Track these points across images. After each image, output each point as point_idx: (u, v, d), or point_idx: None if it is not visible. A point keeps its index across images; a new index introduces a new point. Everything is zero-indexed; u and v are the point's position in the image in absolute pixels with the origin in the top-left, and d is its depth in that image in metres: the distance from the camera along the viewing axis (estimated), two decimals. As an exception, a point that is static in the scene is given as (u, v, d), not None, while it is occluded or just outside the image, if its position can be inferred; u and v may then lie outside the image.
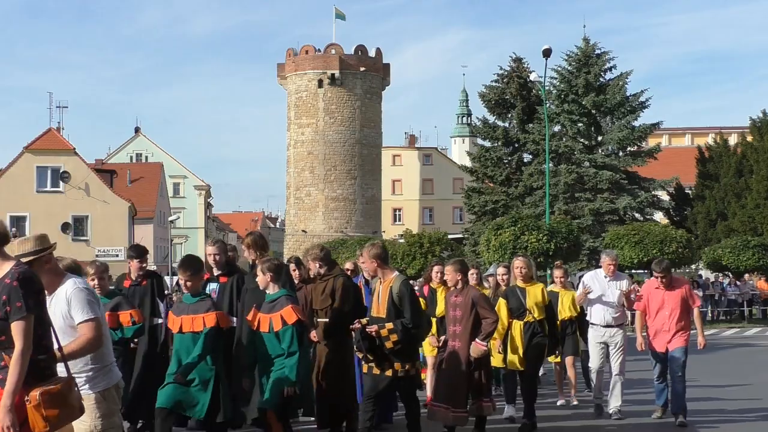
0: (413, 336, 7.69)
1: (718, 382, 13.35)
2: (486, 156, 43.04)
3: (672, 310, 9.54)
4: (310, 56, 66.96)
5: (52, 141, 47.78)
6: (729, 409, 10.77)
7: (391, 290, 7.62)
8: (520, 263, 9.48)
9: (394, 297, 7.58)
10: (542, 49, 30.20)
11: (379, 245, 8.12)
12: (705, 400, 11.39)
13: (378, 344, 7.56)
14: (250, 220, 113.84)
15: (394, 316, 7.57)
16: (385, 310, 7.63)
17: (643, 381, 12.04)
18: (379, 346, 7.56)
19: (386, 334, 7.52)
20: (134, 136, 76.63)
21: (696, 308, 9.79)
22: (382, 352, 7.57)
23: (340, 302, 8.14)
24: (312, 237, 62.77)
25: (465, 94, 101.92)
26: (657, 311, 9.65)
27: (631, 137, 39.90)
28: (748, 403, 11.20)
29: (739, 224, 39.30)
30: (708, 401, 11.36)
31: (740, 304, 32.91)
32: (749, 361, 17.64)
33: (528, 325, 9.29)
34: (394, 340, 7.49)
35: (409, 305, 7.56)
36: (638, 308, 9.89)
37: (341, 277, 8.35)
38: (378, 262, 7.83)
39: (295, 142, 67.07)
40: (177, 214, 65.37)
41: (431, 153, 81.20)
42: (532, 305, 9.26)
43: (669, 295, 9.63)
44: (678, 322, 9.51)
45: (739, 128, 55.30)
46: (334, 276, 8.29)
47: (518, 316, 9.32)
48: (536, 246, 27.58)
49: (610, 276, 10.16)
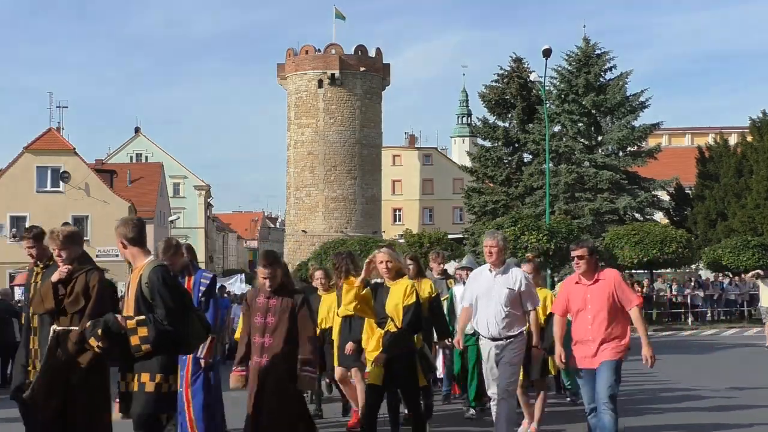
0: (169, 337, 5.76)
1: (718, 381, 13.34)
2: (486, 156, 43.01)
3: (596, 313, 7.14)
4: (310, 56, 66.98)
5: (52, 141, 47.81)
6: (729, 410, 10.76)
7: (140, 280, 5.86)
8: (382, 257, 7.36)
9: (143, 289, 5.82)
10: (542, 49, 30.19)
11: (130, 221, 6.14)
12: (705, 401, 11.39)
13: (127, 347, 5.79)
14: (250, 220, 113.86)
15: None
16: (132, 306, 5.87)
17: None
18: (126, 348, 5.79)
19: (133, 326, 5.74)
20: (134, 136, 76.63)
21: (635, 308, 7.18)
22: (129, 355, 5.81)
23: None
24: (312, 237, 62.82)
25: (465, 94, 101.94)
26: (577, 314, 7.29)
27: (631, 137, 39.87)
28: (748, 403, 11.18)
29: (739, 224, 39.30)
30: (708, 400, 11.36)
31: (740, 304, 32.89)
32: (749, 361, 17.62)
33: (388, 336, 7.27)
34: (142, 335, 5.72)
35: (161, 299, 5.74)
36: (554, 310, 7.62)
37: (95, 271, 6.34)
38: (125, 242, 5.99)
39: (295, 142, 67.09)
40: (177, 214, 65.44)
41: (431, 153, 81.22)
42: (392, 310, 7.25)
43: (592, 291, 7.20)
44: (606, 328, 7.11)
45: (739, 128, 55.28)
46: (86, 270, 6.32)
47: (380, 323, 7.40)
48: (536, 246, 27.58)
49: (495, 268, 7.79)
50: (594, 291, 7.18)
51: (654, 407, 10.80)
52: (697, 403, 11.17)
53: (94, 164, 55.38)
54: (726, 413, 10.39)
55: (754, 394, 12.00)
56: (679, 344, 21.09)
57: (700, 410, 10.60)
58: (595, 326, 7.12)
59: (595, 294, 7.16)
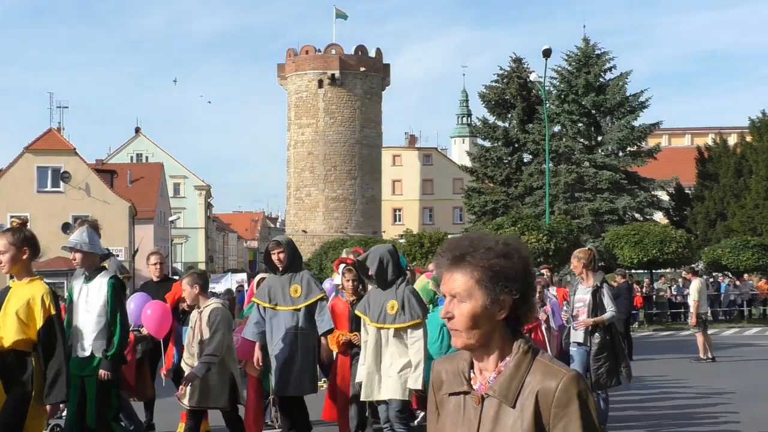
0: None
1: (718, 382, 13.37)
2: (486, 156, 43.05)
3: None
4: (311, 56, 66.99)
5: (52, 141, 47.79)
6: (729, 408, 10.79)
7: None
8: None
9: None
10: (542, 49, 30.25)
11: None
12: (705, 399, 11.42)
13: None
14: (250, 220, 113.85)
15: None
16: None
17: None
18: None
19: None
20: (134, 136, 76.65)
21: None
22: None
23: None
24: (312, 237, 62.84)
25: (465, 95, 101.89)
26: None
27: (630, 137, 39.90)
28: (747, 403, 11.21)
29: (739, 224, 39.34)
30: (706, 398, 11.39)
31: (740, 304, 32.90)
32: (749, 361, 17.65)
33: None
34: None
35: None
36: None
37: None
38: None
39: (295, 142, 67.09)
40: (177, 214, 65.42)
41: (431, 153, 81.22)
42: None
43: None
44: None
45: (738, 128, 55.32)
46: None
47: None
48: (536, 246, 27.60)
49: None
50: None
51: (654, 408, 10.84)
52: (698, 404, 11.20)
53: (94, 164, 55.36)
54: (726, 413, 10.42)
55: (754, 394, 12.03)
56: (679, 344, 21.11)
57: (699, 410, 10.63)
58: None
59: None
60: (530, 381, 2.22)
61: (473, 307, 2.24)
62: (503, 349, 2.27)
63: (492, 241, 2.28)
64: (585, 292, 8.53)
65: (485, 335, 2.26)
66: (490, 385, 2.26)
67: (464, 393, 2.30)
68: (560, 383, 2.19)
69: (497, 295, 2.22)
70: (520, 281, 2.24)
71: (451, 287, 2.26)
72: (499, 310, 2.23)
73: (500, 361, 2.27)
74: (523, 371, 2.23)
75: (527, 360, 2.24)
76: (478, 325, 2.24)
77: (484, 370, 2.29)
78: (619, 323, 18.77)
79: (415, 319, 6.99)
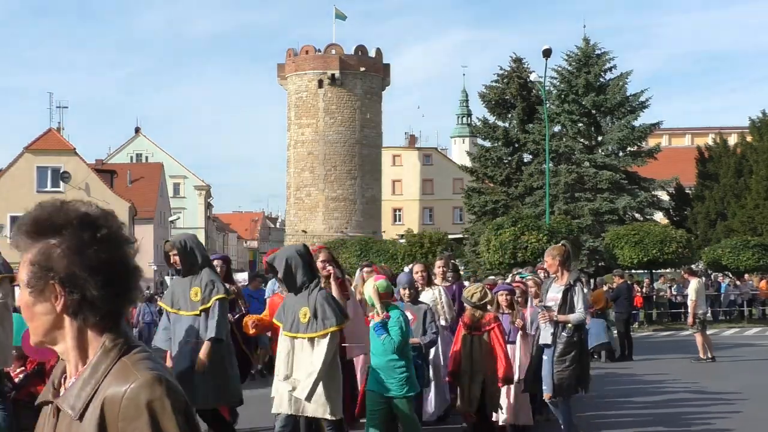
0: None
1: (718, 382, 13.36)
2: (486, 156, 43.02)
3: None
4: (310, 56, 66.96)
5: (52, 141, 47.79)
6: (729, 408, 10.78)
7: None
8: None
9: None
10: (542, 49, 30.22)
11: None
12: (705, 399, 11.41)
13: None
14: (250, 220, 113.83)
15: None
16: None
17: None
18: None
19: None
20: (134, 136, 76.63)
21: None
22: None
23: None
24: (312, 237, 62.79)
25: (465, 95, 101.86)
26: None
27: (631, 137, 39.87)
28: (748, 402, 11.20)
29: (739, 224, 39.32)
30: (706, 398, 11.38)
31: (740, 304, 32.88)
32: (749, 360, 17.64)
33: None
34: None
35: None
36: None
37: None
38: None
39: (295, 143, 67.07)
40: (177, 214, 65.44)
41: (431, 153, 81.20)
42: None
43: None
44: None
45: (738, 128, 55.28)
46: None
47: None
48: (536, 246, 27.57)
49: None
50: None
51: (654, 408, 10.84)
52: (698, 404, 11.19)
53: (94, 164, 55.35)
54: (726, 413, 10.41)
55: (754, 394, 12.02)
56: (679, 344, 21.09)
57: (700, 410, 10.62)
58: None
59: None
60: (103, 387, 1.75)
61: (24, 294, 1.83)
62: (88, 348, 1.82)
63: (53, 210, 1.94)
64: (557, 290, 7.98)
65: (47, 330, 1.83)
66: (62, 393, 1.83)
67: (50, 403, 1.86)
68: (128, 389, 1.72)
69: (46, 281, 1.79)
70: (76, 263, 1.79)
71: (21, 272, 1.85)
72: (54, 299, 1.79)
73: (82, 364, 1.82)
74: (99, 375, 1.77)
75: (108, 360, 1.79)
76: (33, 317, 1.83)
77: (71, 374, 1.85)
78: (619, 323, 19.04)
79: (328, 327, 6.37)
